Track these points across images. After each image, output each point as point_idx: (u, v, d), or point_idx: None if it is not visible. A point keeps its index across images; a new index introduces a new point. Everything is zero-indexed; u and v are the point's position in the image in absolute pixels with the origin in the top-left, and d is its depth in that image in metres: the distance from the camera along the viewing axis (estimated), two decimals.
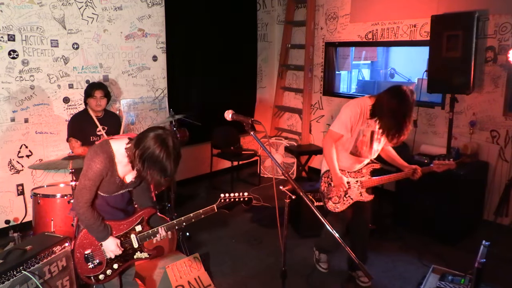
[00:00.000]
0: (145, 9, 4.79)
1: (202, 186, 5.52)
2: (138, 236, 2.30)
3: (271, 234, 4.12)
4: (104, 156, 2.06)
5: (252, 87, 6.23)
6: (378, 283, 3.30)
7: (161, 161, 1.94)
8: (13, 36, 3.90)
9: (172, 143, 1.97)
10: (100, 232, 2.18)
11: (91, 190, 2.10)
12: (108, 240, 2.20)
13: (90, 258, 2.24)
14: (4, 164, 4.04)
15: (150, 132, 1.99)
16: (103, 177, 2.10)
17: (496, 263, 3.34)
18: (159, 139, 1.95)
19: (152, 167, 1.96)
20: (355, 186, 3.12)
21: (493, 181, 4.28)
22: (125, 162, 2.12)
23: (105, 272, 2.27)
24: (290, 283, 2.48)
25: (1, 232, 3.94)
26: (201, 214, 2.34)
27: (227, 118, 2.18)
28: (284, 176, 2.09)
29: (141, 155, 1.95)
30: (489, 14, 4.12)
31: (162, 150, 1.94)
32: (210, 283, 3.13)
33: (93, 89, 3.68)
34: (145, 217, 2.32)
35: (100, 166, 2.05)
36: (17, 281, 2.27)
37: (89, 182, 2.07)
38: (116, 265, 2.29)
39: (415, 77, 5.98)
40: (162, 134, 1.97)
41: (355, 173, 3.14)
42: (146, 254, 2.36)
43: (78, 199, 2.10)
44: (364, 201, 3.14)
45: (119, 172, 2.15)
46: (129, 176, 2.22)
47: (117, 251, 2.23)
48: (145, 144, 1.95)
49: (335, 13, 5.55)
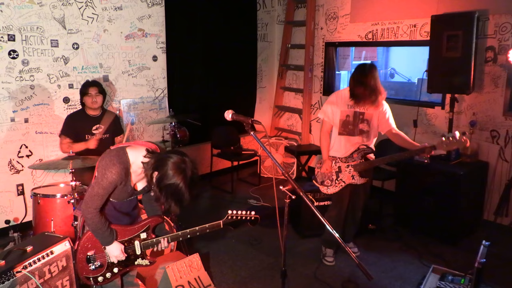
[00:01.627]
0: (145, 9, 4.79)
1: (202, 186, 5.51)
2: (142, 243, 2.30)
3: (271, 234, 4.11)
4: (121, 167, 2.04)
5: (252, 87, 6.23)
6: (378, 283, 3.30)
7: (179, 192, 1.96)
8: (13, 36, 3.90)
9: (191, 174, 1.98)
10: (106, 237, 2.17)
11: (103, 198, 2.10)
12: (112, 245, 2.20)
13: (92, 260, 2.23)
14: (4, 164, 4.03)
15: (171, 158, 1.98)
16: (117, 186, 2.10)
17: (496, 263, 3.34)
18: (179, 170, 1.95)
19: (170, 196, 1.97)
20: (346, 170, 3.39)
21: (493, 181, 4.28)
22: (139, 172, 2.12)
23: (105, 275, 2.27)
24: (290, 283, 2.48)
25: (1, 232, 3.94)
26: (206, 229, 2.35)
27: (227, 118, 2.18)
28: (284, 176, 2.09)
29: (159, 181, 1.97)
30: (489, 14, 4.12)
31: (181, 182, 1.94)
32: (210, 283, 3.13)
33: (87, 87, 3.71)
34: (151, 225, 2.33)
35: (115, 177, 2.04)
36: (17, 281, 2.27)
37: (102, 191, 2.07)
38: (116, 269, 2.29)
39: (415, 77, 5.98)
40: (182, 164, 1.97)
41: (346, 158, 3.40)
42: (147, 262, 2.36)
43: (88, 205, 2.09)
44: (357, 184, 3.37)
45: (133, 181, 2.16)
46: (141, 183, 2.23)
47: (120, 256, 2.23)
48: (165, 171, 1.95)
49: (335, 13, 5.55)
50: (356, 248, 3.75)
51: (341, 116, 3.38)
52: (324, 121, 3.46)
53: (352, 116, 3.35)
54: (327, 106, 3.43)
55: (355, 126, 3.35)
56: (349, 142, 3.39)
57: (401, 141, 3.29)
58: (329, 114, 3.42)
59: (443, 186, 3.84)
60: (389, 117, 3.36)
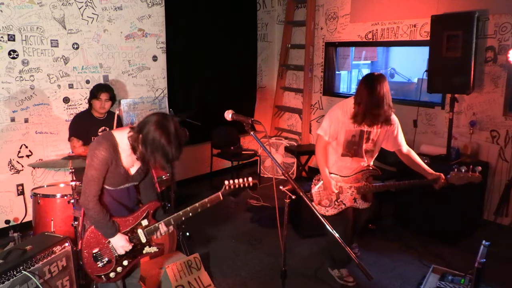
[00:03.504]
0: (145, 9, 4.79)
1: (202, 186, 5.52)
2: (145, 230, 2.27)
3: (271, 234, 4.11)
4: (108, 143, 2.06)
5: (252, 87, 6.23)
6: (378, 283, 3.30)
7: (163, 146, 1.96)
8: (13, 36, 3.90)
9: (174, 128, 1.99)
10: (109, 228, 2.15)
11: (98, 181, 2.08)
12: (116, 236, 2.18)
13: (99, 257, 2.21)
14: (4, 164, 4.03)
15: (152, 117, 2.02)
16: (109, 166, 2.08)
17: (496, 263, 3.34)
18: (160, 124, 1.97)
19: (155, 152, 1.97)
20: (348, 191, 3.08)
21: (493, 181, 4.28)
22: (129, 152, 2.12)
23: (116, 270, 2.24)
24: (290, 283, 2.48)
25: (1, 232, 3.94)
26: (206, 203, 2.30)
27: (227, 118, 2.18)
28: (284, 176, 2.10)
29: (143, 140, 1.99)
30: (489, 14, 4.12)
31: (163, 135, 1.95)
32: (210, 283, 3.13)
33: (99, 91, 3.65)
34: (150, 211, 2.29)
35: (104, 153, 2.04)
36: (17, 281, 2.27)
37: (96, 172, 2.06)
38: (126, 261, 2.26)
39: (415, 77, 5.98)
40: (163, 119, 2.00)
41: (349, 178, 3.09)
42: (155, 248, 2.32)
43: (86, 193, 2.08)
44: (359, 208, 3.11)
45: (124, 162, 2.14)
46: (134, 168, 2.21)
47: (127, 246, 2.21)
48: (147, 129, 1.97)
49: (335, 13, 5.55)
50: (357, 249, 3.72)
51: (346, 136, 2.99)
52: (322, 136, 3.05)
53: (358, 136, 2.97)
54: (331, 124, 2.99)
55: (360, 147, 3.00)
56: (353, 163, 3.07)
57: (412, 163, 3.04)
58: (332, 133, 3.00)
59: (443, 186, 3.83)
60: (398, 134, 3.04)
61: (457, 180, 2.84)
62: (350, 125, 2.95)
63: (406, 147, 3.09)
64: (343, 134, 2.99)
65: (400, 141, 3.07)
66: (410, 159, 3.07)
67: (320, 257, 3.63)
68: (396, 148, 3.08)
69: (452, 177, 2.85)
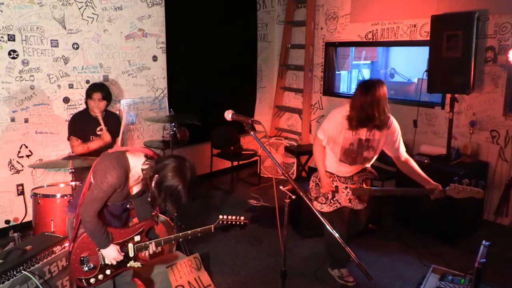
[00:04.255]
0: (145, 9, 4.79)
1: (202, 186, 5.52)
2: (136, 246, 2.33)
3: (271, 234, 4.11)
4: (122, 171, 2.08)
5: (252, 87, 6.23)
6: (378, 283, 3.30)
7: (178, 194, 2.01)
8: (13, 36, 3.90)
9: (190, 176, 2.04)
10: (103, 240, 2.20)
11: (102, 202, 2.13)
12: (109, 248, 2.22)
13: (85, 262, 2.26)
14: (4, 164, 4.03)
15: (172, 162, 2.04)
16: (116, 190, 2.13)
17: (496, 263, 3.34)
18: (178, 172, 2.01)
19: (168, 198, 2.02)
20: (343, 191, 3.10)
21: (493, 181, 4.28)
22: (136, 178, 2.18)
23: (97, 277, 2.30)
24: (290, 283, 2.48)
25: (1, 232, 3.94)
26: (198, 232, 2.44)
27: (227, 118, 2.18)
28: (284, 176, 2.09)
29: (159, 183, 2.01)
30: (489, 14, 4.12)
31: (180, 185, 2.00)
32: (210, 283, 3.13)
33: (92, 91, 3.64)
34: (145, 228, 2.37)
35: (116, 181, 2.07)
36: (17, 281, 2.27)
37: (103, 195, 2.10)
38: (109, 271, 2.32)
39: (415, 77, 5.97)
40: (182, 166, 2.04)
41: (345, 178, 3.11)
42: (139, 264, 2.39)
43: (88, 208, 2.11)
44: (353, 208, 3.11)
45: (130, 184, 2.21)
46: (135, 188, 2.27)
47: (118, 257, 2.26)
48: (164, 174, 2.01)
49: (335, 13, 5.55)
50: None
51: (343, 143, 2.97)
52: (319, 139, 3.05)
53: (357, 144, 2.95)
54: (329, 128, 2.98)
55: (359, 155, 2.99)
56: (350, 167, 3.07)
57: (410, 171, 2.98)
58: (329, 137, 3.00)
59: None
60: (397, 140, 2.99)
61: (457, 193, 2.76)
62: (348, 132, 2.93)
63: (404, 155, 3.03)
64: (341, 141, 2.97)
65: (400, 148, 3.02)
66: (408, 167, 3.02)
67: (320, 257, 3.63)
68: (395, 154, 3.04)
69: (451, 189, 2.78)
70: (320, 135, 3.05)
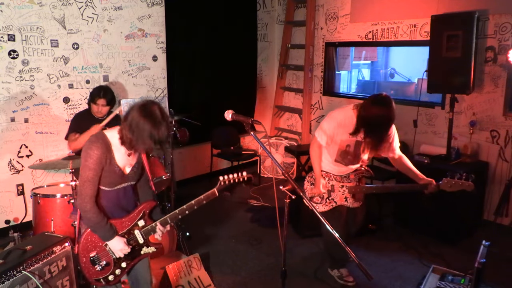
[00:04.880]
0: (145, 9, 4.79)
1: (202, 186, 5.49)
2: (142, 230, 2.25)
3: (271, 234, 4.12)
4: (100, 142, 2.07)
5: (252, 87, 6.23)
6: (378, 283, 3.30)
7: (148, 127, 1.97)
8: (13, 36, 3.90)
9: (157, 109, 2.01)
10: (107, 231, 2.14)
11: (94, 181, 2.07)
12: (114, 239, 2.16)
13: (96, 260, 2.19)
14: (4, 164, 4.03)
15: (135, 104, 2.05)
16: (103, 165, 2.08)
17: (496, 263, 3.34)
18: (142, 108, 2.00)
19: (141, 134, 1.99)
20: (339, 190, 3.11)
21: (493, 181, 4.28)
22: (122, 151, 2.13)
23: (114, 272, 2.22)
24: (290, 283, 2.48)
25: (1, 232, 3.94)
26: (202, 200, 2.32)
27: (227, 118, 2.18)
28: (284, 176, 2.09)
29: (129, 127, 2.00)
30: (489, 14, 4.12)
31: (146, 118, 1.98)
32: (210, 283, 3.13)
33: (97, 96, 3.59)
34: (146, 210, 2.27)
35: (98, 152, 2.05)
36: (17, 281, 2.27)
37: (91, 172, 2.05)
38: (124, 263, 2.24)
39: (415, 77, 5.98)
40: (145, 103, 2.03)
41: (341, 177, 3.12)
42: (153, 248, 2.30)
43: (83, 195, 2.07)
44: (349, 207, 3.12)
45: (117, 160, 2.14)
46: (129, 167, 2.21)
47: (125, 249, 2.19)
48: (131, 116, 2.01)
49: (335, 13, 5.55)
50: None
51: (340, 145, 3.00)
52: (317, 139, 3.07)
53: (353, 146, 2.97)
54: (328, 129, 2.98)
55: (355, 157, 3.02)
56: (345, 168, 3.09)
57: (404, 168, 3.04)
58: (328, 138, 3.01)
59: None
60: (393, 141, 3.01)
61: (449, 187, 2.84)
62: (345, 135, 2.94)
63: (399, 153, 3.06)
64: (339, 142, 2.99)
65: (395, 148, 3.05)
66: (402, 164, 3.07)
67: (320, 257, 3.63)
68: (390, 154, 3.06)
69: (444, 183, 2.85)
70: (318, 136, 3.05)
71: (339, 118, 2.95)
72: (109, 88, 3.80)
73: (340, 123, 2.94)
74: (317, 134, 3.07)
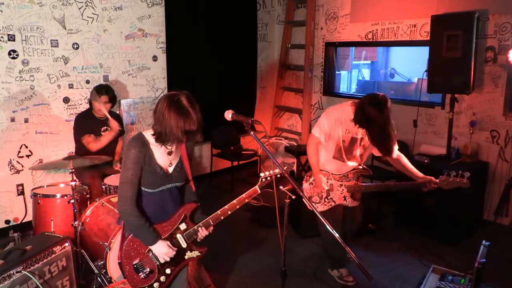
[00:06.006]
0: (145, 9, 4.79)
1: (202, 186, 5.52)
2: (184, 234, 2.17)
3: (271, 234, 4.12)
4: (136, 141, 2.01)
5: (252, 87, 6.23)
6: (378, 283, 3.30)
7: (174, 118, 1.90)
8: (13, 36, 3.90)
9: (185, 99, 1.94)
10: (150, 235, 2.05)
11: (133, 182, 1.99)
12: (158, 243, 2.07)
13: (140, 268, 2.10)
14: (4, 164, 4.03)
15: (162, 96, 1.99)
16: (141, 165, 2.01)
17: (496, 263, 3.34)
18: (169, 100, 1.93)
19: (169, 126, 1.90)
20: (338, 189, 3.12)
21: (493, 181, 4.28)
22: (162, 150, 2.06)
23: (159, 280, 2.13)
24: (290, 283, 2.48)
25: (1, 232, 3.94)
26: (245, 199, 2.23)
27: (227, 118, 2.18)
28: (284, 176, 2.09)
29: (157, 119, 1.94)
30: (489, 14, 4.12)
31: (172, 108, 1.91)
32: (210, 283, 3.13)
33: (99, 94, 3.66)
34: (187, 213, 2.19)
35: (134, 151, 1.97)
36: (17, 281, 2.27)
37: (129, 173, 1.98)
38: (169, 269, 2.16)
39: (415, 77, 5.97)
40: (172, 94, 1.96)
41: (340, 176, 3.12)
42: (197, 252, 2.23)
43: (123, 196, 1.99)
44: (348, 206, 3.14)
45: (157, 159, 2.05)
46: (172, 167, 2.12)
47: (170, 252, 2.10)
48: (159, 108, 1.94)
49: (335, 13, 5.55)
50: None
51: (337, 141, 3.03)
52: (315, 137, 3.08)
53: (348, 142, 3.01)
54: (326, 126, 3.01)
55: (351, 153, 3.05)
56: (344, 164, 3.10)
57: (402, 167, 3.07)
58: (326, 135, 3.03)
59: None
60: None
61: (446, 184, 2.87)
62: (343, 131, 2.98)
63: (396, 152, 3.05)
64: (335, 139, 3.02)
65: None
66: (400, 163, 3.09)
67: (320, 257, 3.63)
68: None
69: (441, 181, 2.88)
70: (316, 133, 3.06)
71: (337, 114, 2.98)
72: (110, 86, 3.82)
73: (338, 119, 2.97)
74: (314, 131, 3.08)
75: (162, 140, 1.98)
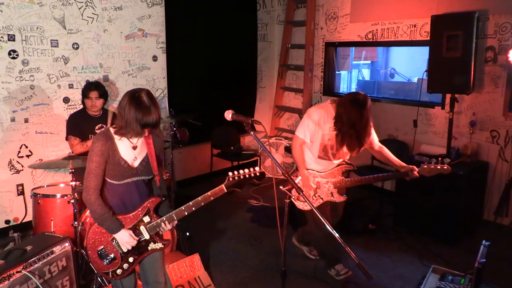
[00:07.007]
0: (145, 9, 4.79)
1: (202, 186, 5.51)
2: (147, 226, 2.24)
3: (271, 234, 4.11)
4: (102, 135, 2.14)
5: (252, 87, 6.23)
6: (378, 283, 3.30)
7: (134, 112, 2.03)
8: (13, 36, 3.90)
9: (145, 95, 2.06)
10: (113, 223, 2.16)
11: (96, 174, 2.12)
12: (121, 232, 2.18)
13: (104, 254, 2.22)
14: (4, 164, 4.03)
15: (125, 93, 2.12)
16: (105, 157, 2.12)
17: (496, 263, 3.35)
18: (130, 96, 2.06)
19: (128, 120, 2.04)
20: (325, 186, 3.17)
21: (493, 181, 4.28)
22: (127, 144, 2.17)
23: (122, 267, 2.24)
24: (290, 283, 2.49)
25: (1, 232, 3.94)
26: (209, 197, 2.26)
27: (227, 118, 2.18)
28: (284, 176, 2.09)
29: (119, 113, 2.08)
30: (489, 14, 4.12)
31: (132, 103, 2.04)
32: (210, 283, 3.13)
33: (88, 90, 3.64)
34: (151, 206, 2.25)
35: (98, 144, 2.11)
36: (17, 281, 2.27)
37: (93, 164, 2.11)
38: (132, 258, 2.25)
39: (415, 77, 5.98)
40: (134, 91, 2.09)
41: (326, 174, 3.17)
42: (160, 244, 2.29)
43: (87, 187, 2.13)
44: (335, 201, 3.20)
45: (122, 153, 2.16)
46: (137, 161, 2.21)
47: (131, 241, 2.20)
48: (121, 103, 2.08)
49: (335, 13, 5.55)
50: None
51: (322, 140, 3.07)
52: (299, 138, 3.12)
53: (333, 140, 3.06)
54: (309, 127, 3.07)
55: (337, 151, 3.10)
56: (329, 164, 3.17)
57: (385, 158, 3.17)
58: (310, 135, 3.08)
59: (443, 186, 3.83)
60: (371, 134, 3.13)
61: (428, 172, 2.98)
62: (326, 129, 3.04)
63: (377, 144, 3.20)
64: (320, 138, 3.07)
65: (373, 139, 3.18)
66: (381, 154, 3.20)
67: (320, 257, 3.63)
68: (369, 145, 3.17)
69: (422, 169, 2.99)
70: (300, 134, 3.11)
71: (319, 113, 3.05)
72: (100, 82, 3.83)
73: (320, 118, 3.04)
74: (298, 132, 3.13)
75: (122, 133, 2.12)
